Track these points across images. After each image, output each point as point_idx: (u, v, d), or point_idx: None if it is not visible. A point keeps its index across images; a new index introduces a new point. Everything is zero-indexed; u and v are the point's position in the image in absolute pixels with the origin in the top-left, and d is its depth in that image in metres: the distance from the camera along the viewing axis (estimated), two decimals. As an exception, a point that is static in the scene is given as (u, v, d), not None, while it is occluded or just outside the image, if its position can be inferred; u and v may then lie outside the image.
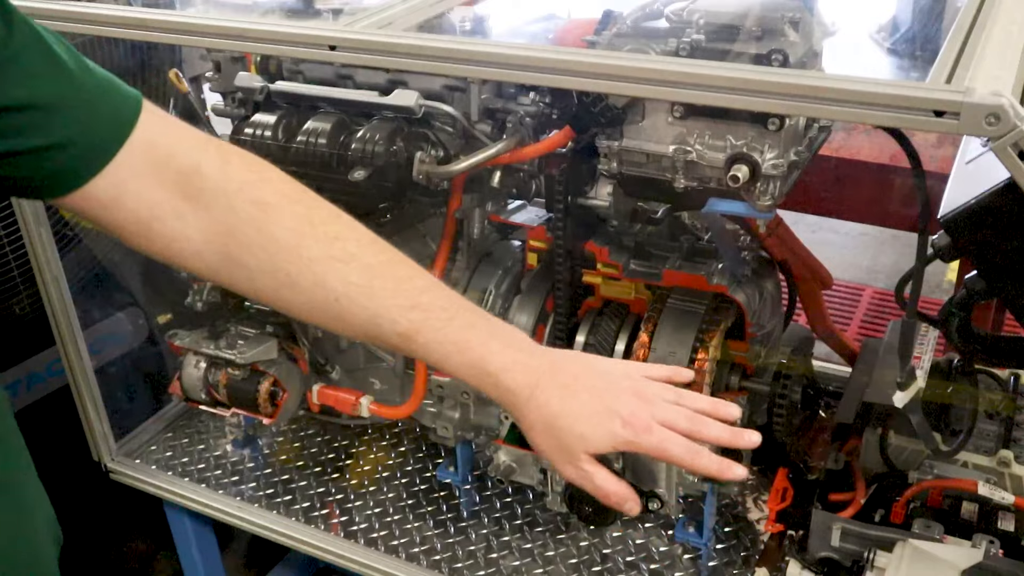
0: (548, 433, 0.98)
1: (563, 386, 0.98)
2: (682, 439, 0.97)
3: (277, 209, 0.91)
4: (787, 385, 1.54)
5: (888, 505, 1.46)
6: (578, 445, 0.98)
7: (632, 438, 0.97)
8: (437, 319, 0.95)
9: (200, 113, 2.18)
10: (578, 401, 0.98)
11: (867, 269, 3.78)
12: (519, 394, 0.97)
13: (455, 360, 0.96)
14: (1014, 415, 1.52)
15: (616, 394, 0.99)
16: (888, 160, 2.09)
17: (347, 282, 0.92)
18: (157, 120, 0.88)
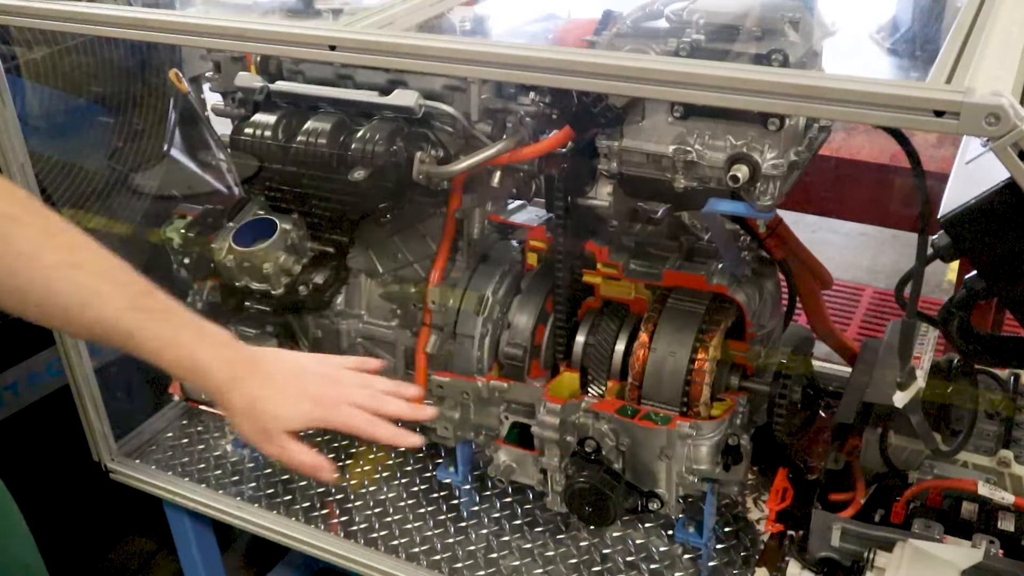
0: (250, 416, 1.14)
1: (264, 375, 1.14)
2: (364, 414, 1.15)
3: (21, 221, 1.01)
4: (787, 385, 1.54)
5: (888, 505, 1.46)
6: (276, 424, 1.13)
7: (322, 415, 1.15)
8: (154, 320, 1.08)
9: (200, 113, 2.19)
10: (275, 387, 1.14)
11: (867, 269, 3.78)
12: (225, 384, 1.12)
13: (170, 355, 1.09)
14: (1014, 415, 1.52)
15: (308, 379, 1.17)
16: (888, 160, 2.09)
17: (77, 286, 1.03)
18: None
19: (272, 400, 1.14)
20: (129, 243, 2.11)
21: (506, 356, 1.62)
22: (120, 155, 2.10)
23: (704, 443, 1.45)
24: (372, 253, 1.71)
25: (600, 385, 1.58)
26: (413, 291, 1.66)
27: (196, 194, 2.24)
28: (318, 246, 1.68)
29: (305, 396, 1.15)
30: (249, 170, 1.67)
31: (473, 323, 1.61)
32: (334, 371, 1.20)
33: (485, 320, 1.61)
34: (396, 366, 1.73)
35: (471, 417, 1.63)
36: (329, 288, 1.67)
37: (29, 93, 1.88)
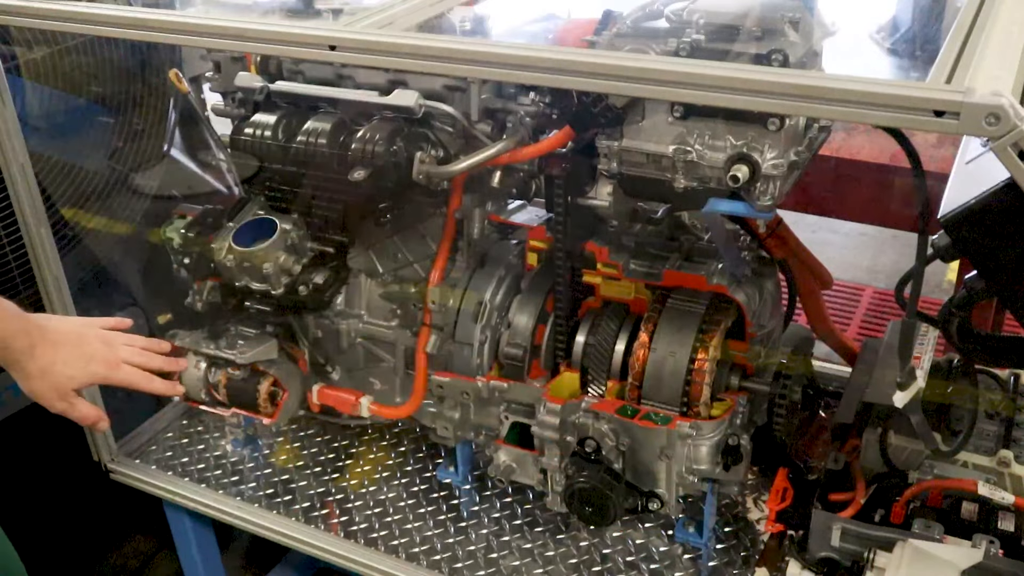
0: (43, 379, 1.31)
1: (52, 342, 1.32)
2: (139, 371, 1.41)
3: None
4: (787, 385, 1.54)
5: (888, 505, 1.46)
6: (67, 384, 1.33)
7: (106, 373, 1.38)
8: None
9: (200, 113, 2.19)
10: (65, 351, 1.33)
11: (867, 269, 3.78)
12: (22, 352, 1.28)
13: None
14: (1014, 415, 1.52)
15: (89, 342, 1.38)
16: (888, 160, 2.09)
17: None
18: None
19: (65, 362, 1.32)
20: (129, 243, 2.11)
21: (506, 356, 1.62)
22: (120, 155, 2.10)
23: (704, 443, 1.45)
24: (372, 253, 1.71)
25: (600, 385, 1.58)
26: (413, 291, 1.66)
27: (196, 194, 2.24)
28: (318, 246, 1.68)
29: (91, 358, 1.36)
30: (249, 170, 1.67)
31: (472, 330, 1.61)
32: (106, 333, 1.41)
33: (483, 327, 1.60)
34: (396, 366, 1.73)
35: (471, 417, 1.63)
36: (329, 288, 1.67)
37: (29, 93, 1.88)
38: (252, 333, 1.73)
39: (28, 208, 1.70)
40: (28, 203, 1.70)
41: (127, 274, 2.16)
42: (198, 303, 1.77)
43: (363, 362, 1.76)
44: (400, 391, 1.74)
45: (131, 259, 2.15)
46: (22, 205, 1.70)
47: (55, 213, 1.86)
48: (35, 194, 1.71)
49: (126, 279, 2.17)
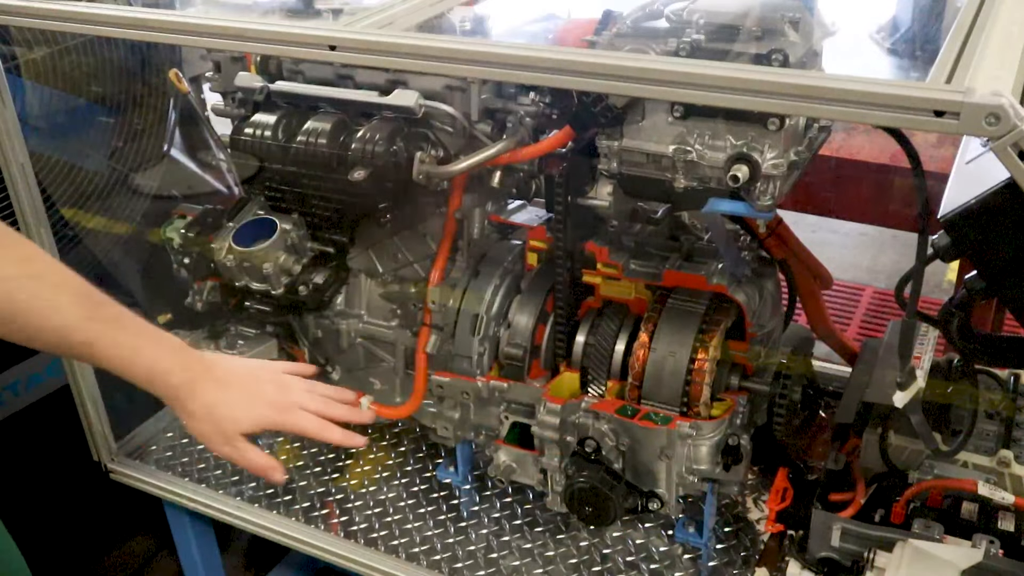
0: (207, 420, 1.20)
1: (218, 380, 1.20)
2: (315, 418, 1.25)
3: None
4: (787, 385, 1.54)
5: (888, 505, 1.46)
6: (232, 427, 1.20)
7: (276, 417, 1.23)
8: (112, 329, 1.11)
9: (200, 113, 2.19)
10: (232, 391, 1.21)
11: (867, 269, 3.78)
12: (182, 388, 1.18)
13: (128, 363, 1.13)
14: (1014, 415, 1.52)
15: (261, 384, 1.25)
16: (888, 160, 2.09)
17: (36, 297, 1.05)
18: None
19: (229, 404, 1.20)
20: (129, 243, 2.11)
21: (506, 356, 1.62)
22: (120, 155, 2.10)
23: (704, 443, 1.45)
24: (372, 253, 1.71)
25: (600, 385, 1.58)
26: (413, 291, 1.66)
27: (196, 194, 2.24)
28: (318, 246, 1.68)
29: (260, 400, 1.23)
30: (249, 170, 1.67)
31: (470, 342, 1.61)
32: (282, 377, 1.29)
33: (481, 340, 1.60)
34: (396, 366, 1.73)
35: (471, 417, 1.63)
36: (329, 288, 1.67)
37: (29, 93, 1.88)
38: (252, 333, 1.74)
39: (28, 208, 1.70)
40: (28, 203, 1.70)
41: (127, 274, 2.16)
42: (198, 303, 1.77)
43: (363, 362, 1.76)
44: (400, 391, 1.74)
45: (131, 259, 2.15)
46: (22, 205, 1.70)
47: (55, 213, 1.86)
48: (35, 194, 1.71)
49: (126, 279, 2.17)
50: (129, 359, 1.13)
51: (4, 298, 1.02)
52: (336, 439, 1.27)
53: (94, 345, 1.09)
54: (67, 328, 1.07)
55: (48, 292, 1.05)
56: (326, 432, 1.26)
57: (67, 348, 1.10)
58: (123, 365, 1.13)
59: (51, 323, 1.05)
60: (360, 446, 1.30)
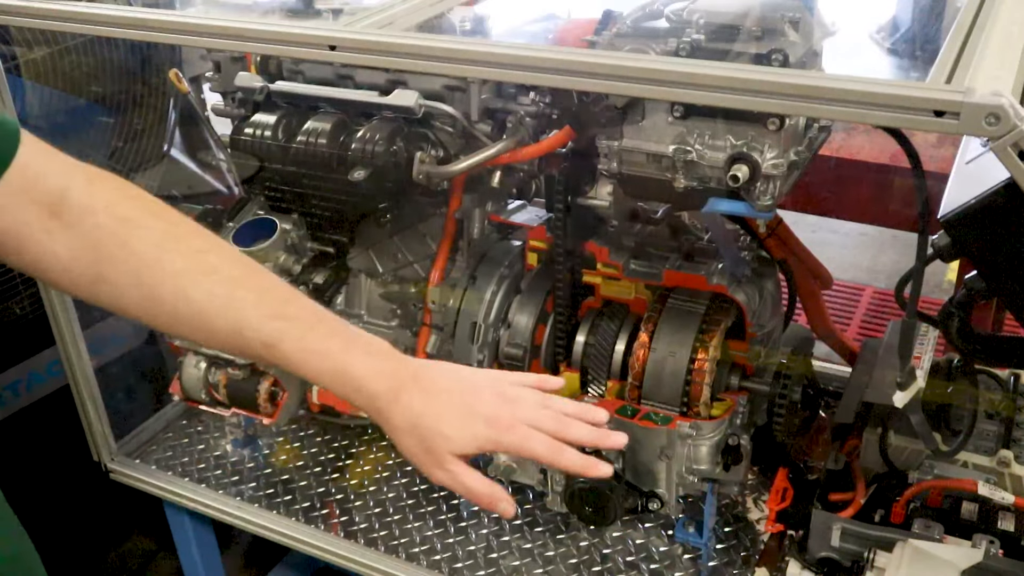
0: (413, 435, 1.00)
1: (425, 390, 1.00)
2: (545, 437, 0.99)
3: (140, 225, 0.94)
4: (787, 385, 1.54)
5: (888, 505, 1.46)
6: (443, 445, 0.99)
7: (495, 437, 0.99)
8: (298, 328, 0.97)
9: (200, 113, 2.19)
10: (440, 402, 1.00)
11: (867, 269, 3.78)
12: (382, 398, 0.99)
13: (317, 367, 0.98)
14: (1014, 415, 1.52)
15: (478, 396, 1.01)
16: (888, 160, 2.09)
17: (210, 294, 0.94)
18: (30, 145, 0.92)
19: (438, 417, 0.99)
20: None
21: (506, 356, 1.62)
22: (120, 155, 2.10)
23: (704, 443, 1.45)
24: (372, 253, 1.71)
25: (600, 385, 1.58)
26: (413, 291, 1.66)
27: (196, 194, 2.24)
28: (318, 246, 1.68)
29: (476, 415, 1.00)
30: (249, 170, 1.67)
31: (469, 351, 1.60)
32: (509, 388, 1.04)
33: (480, 347, 1.61)
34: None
35: (471, 417, 1.62)
36: (329, 288, 1.67)
37: (29, 93, 1.88)
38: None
39: (28, 208, 1.70)
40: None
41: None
42: (198, 303, 1.77)
43: (363, 362, 1.76)
44: (400, 391, 1.74)
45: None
46: (22, 205, 1.70)
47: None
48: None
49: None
50: (318, 363, 0.98)
51: (177, 296, 0.93)
52: (576, 467, 1.01)
53: (276, 347, 0.96)
54: (245, 328, 0.95)
55: (223, 288, 0.95)
56: (562, 458, 1.00)
57: (248, 350, 0.98)
58: (312, 370, 0.98)
59: (226, 322, 0.95)
60: (606, 475, 1.04)
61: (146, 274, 0.93)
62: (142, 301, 0.94)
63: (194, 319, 0.95)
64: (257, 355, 0.99)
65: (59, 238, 0.92)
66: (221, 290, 0.95)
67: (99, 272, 0.93)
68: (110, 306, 0.96)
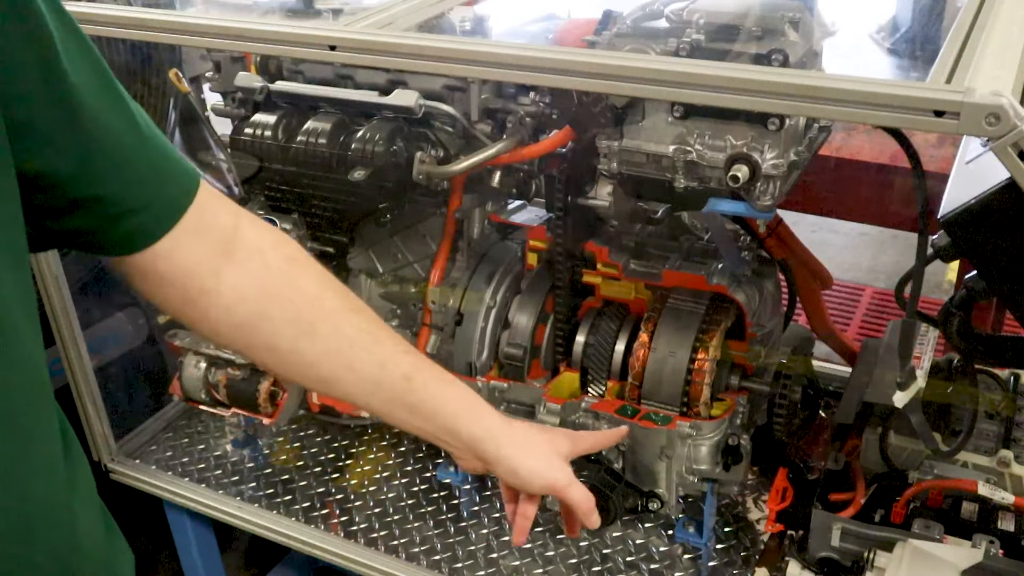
0: (537, 441, 1.14)
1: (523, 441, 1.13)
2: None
3: (304, 265, 1.01)
4: (787, 385, 1.54)
5: (888, 505, 1.46)
6: (565, 447, 1.16)
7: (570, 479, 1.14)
8: (425, 361, 1.08)
9: (200, 113, 2.19)
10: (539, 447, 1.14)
11: (867, 269, 3.78)
12: (499, 422, 1.10)
13: (453, 391, 1.07)
14: (1014, 415, 1.52)
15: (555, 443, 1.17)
16: (888, 160, 2.09)
17: (360, 329, 1.02)
18: (204, 186, 0.95)
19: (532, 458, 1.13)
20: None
21: (506, 356, 1.62)
22: (120, 155, 2.09)
23: (704, 443, 1.45)
24: (372, 253, 1.71)
25: (600, 385, 1.58)
26: (413, 291, 1.66)
27: (196, 194, 2.24)
28: (318, 246, 1.68)
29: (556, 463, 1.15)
30: (249, 170, 1.67)
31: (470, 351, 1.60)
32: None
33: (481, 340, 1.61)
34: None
35: (471, 417, 1.62)
36: (329, 288, 1.67)
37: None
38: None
39: (28, 208, 1.70)
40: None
41: (127, 274, 2.16)
42: (198, 303, 1.77)
43: (363, 362, 1.76)
44: (400, 391, 1.74)
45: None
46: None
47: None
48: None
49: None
50: (449, 388, 1.07)
51: (332, 331, 1.00)
52: (595, 523, 1.17)
53: (413, 379, 1.04)
54: (387, 361, 1.03)
55: (369, 325, 1.03)
56: (595, 514, 1.16)
57: (383, 384, 1.04)
58: (442, 395, 1.06)
59: (370, 356, 1.02)
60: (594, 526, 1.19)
61: (307, 311, 0.99)
62: (298, 337, 0.99)
63: (343, 353, 1.01)
64: (394, 389, 1.04)
65: (227, 278, 0.95)
66: (368, 327, 1.03)
67: (263, 310, 0.97)
68: (262, 344, 1.00)
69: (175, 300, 0.96)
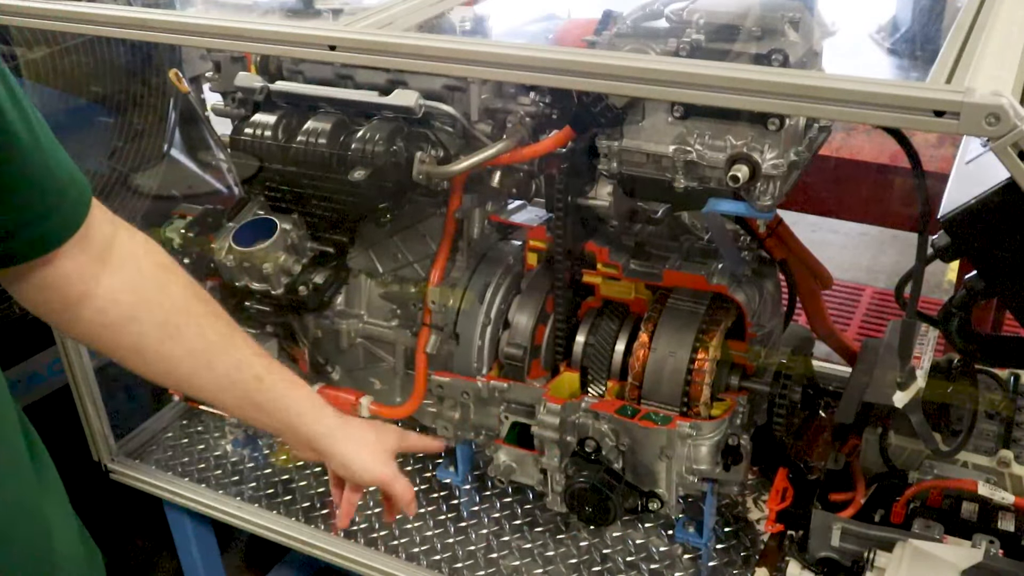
0: (370, 432, 1.26)
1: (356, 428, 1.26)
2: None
3: (174, 272, 1.09)
4: (787, 385, 1.54)
5: (888, 505, 1.46)
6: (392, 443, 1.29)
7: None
8: (276, 364, 1.17)
9: (200, 113, 2.19)
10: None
11: (867, 269, 3.78)
12: (338, 414, 1.22)
13: (298, 393, 1.18)
14: (1014, 415, 1.52)
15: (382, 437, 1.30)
16: (888, 160, 2.09)
17: (220, 333, 1.11)
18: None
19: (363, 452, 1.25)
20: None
21: (506, 356, 1.62)
22: (120, 155, 2.10)
23: (704, 443, 1.45)
24: (372, 253, 1.71)
25: (600, 385, 1.58)
26: (413, 291, 1.66)
27: (196, 194, 2.24)
28: (318, 246, 1.68)
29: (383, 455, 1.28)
30: (249, 170, 1.67)
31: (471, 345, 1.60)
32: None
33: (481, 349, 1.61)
34: (396, 366, 1.73)
35: (471, 417, 1.63)
36: (329, 288, 1.67)
37: (29, 93, 1.88)
38: (252, 333, 1.73)
39: (28, 208, 1.70)
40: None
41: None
42: (198, 303, 1.77)
43: (363, 362, 1.76)
44: (400, 391, 1.74)
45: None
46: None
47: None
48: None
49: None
50: (295, 389, 1.17)
51: (197, 335, 1.08)
52: (413, 511, 1.32)
53: (263, 379, 1.13)
54: (244, 362, 1.12)
55: (228, 330, 1.12)
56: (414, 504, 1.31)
57: (236, 385, 1.13)
58: (289, 394, 1.16)
59: (231, 357, 1.11)
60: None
61: (174, 316, 1.06)
62: (164, 340, 1.06)
63: (204, 354, 1.09)
64: (246, 389, 1.13)
65: (103, 282, 1.01)
66: (227, 331, 1.12)
67: (134, 314, 1.04)
68: (129, 345, 1.06)
69: (55, 304, 1.02)
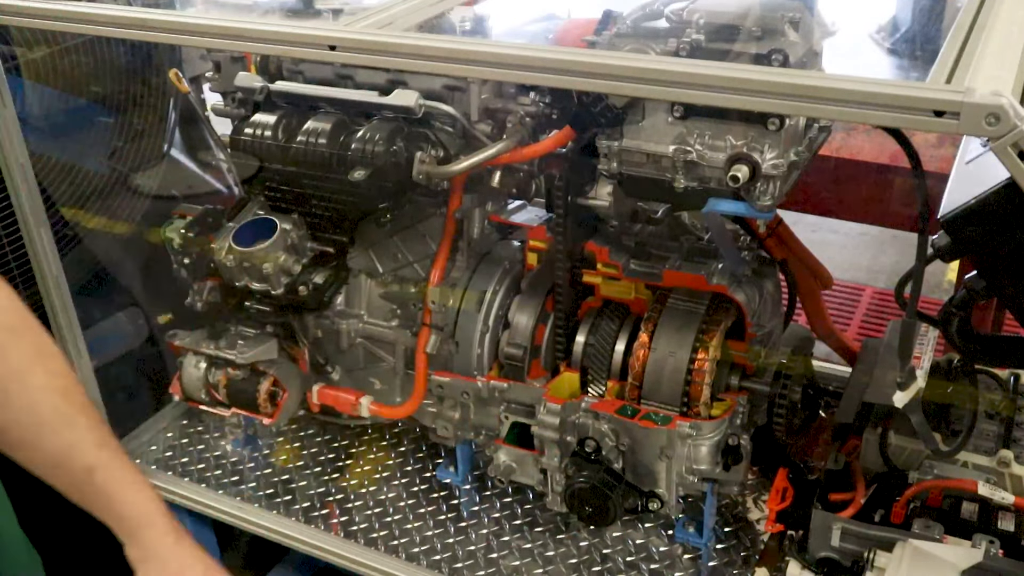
0: (198, 558, 1.16)
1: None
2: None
3: (21, 336, 1.04)
4: (787, 385, 1.54)
5: (888, 505, 1.46)
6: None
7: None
8: (118, 462, 1.10)
9: (200, 113, 2.19)
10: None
11: (867, 269, 3.78)
12: (170, 536, 1.14)
13: (128, 498, 1.10)
14: (1014, 415, 1.52)
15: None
16: (888, 160, 2.09)
17: (57, 412, 1.05)
18: None
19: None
20: (129, 243, 2.11)
21: (506, 356, 1.62)
22: (120, 155, 2.10)
23: (704, 443, 1.45)
24: (372, 253, 1.71)
25: (600, 385, 1.58)
26: (413, 291, 1.66)
27: (196, 194, 2.24)
28: (318, 246, 1.68)
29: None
30: (249, 170, 1.67)
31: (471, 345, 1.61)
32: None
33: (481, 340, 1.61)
34: (396, 366, 1.73)
35: (471, 417, 1.63)
36: (329, 288, 1.67)
37: (29, 93, 1.88)
38: (252, 333, 1.74)
39: (28, 208, 1.70)
40: (28, 203, 1.70)
41: (127, 274, 2.16)
42: (198, 303, 1.77)
43: (363, 362, 1.76)
44: (400, 391, 1.74)
45: (131, 259, 2.14)
46: (22, 205, 1.70)
47: (55, 213, 1.86)
48: (35, 194, 1.70)
49: (126, 279, 2.17)
50: (130, 492, 1.11)
51: (28, 405, 1.03)
52: None
53: (95, 471, 1.08)
54: (76, 448, 1.06)
55: (69, 409, 1.06)
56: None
57: (65, 469, 1.08)
58: (118, 496, 1.10)
59: (63, 439, 1.05)
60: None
61: (9, 381, 1.02)
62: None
63: (31, 429, 1.04)
64: (72, 477, 1.08)
65: None
66: (68, 411, 1.05)
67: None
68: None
69: None
